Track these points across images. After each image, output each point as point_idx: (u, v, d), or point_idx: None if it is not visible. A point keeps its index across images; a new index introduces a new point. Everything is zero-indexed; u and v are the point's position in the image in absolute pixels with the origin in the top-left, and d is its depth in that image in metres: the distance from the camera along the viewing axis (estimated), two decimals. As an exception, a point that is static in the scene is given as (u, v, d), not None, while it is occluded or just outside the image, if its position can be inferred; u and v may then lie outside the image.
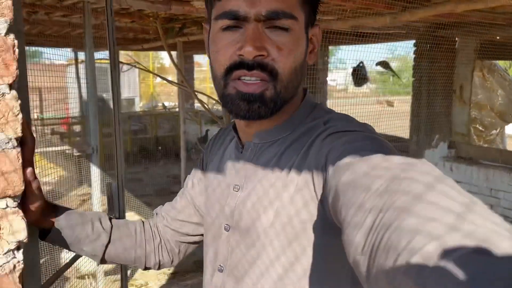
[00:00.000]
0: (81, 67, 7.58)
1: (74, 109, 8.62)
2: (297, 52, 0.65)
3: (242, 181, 0.72)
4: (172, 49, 7.35)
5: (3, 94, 0.70)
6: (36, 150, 0.71)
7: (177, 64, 7.07)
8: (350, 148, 0.54)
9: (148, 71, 6.99)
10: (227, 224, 0.74)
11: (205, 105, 6.01)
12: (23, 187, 0.74)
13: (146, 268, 0.89)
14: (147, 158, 9.28)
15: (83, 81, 6.70)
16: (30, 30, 5.76)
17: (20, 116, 0.72)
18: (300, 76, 0.67)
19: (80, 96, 6.98)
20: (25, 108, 0.95)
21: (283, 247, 0.65)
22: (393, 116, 6.17)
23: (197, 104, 9.74)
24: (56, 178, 6.66)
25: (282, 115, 0.69)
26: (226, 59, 0.65)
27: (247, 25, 0.63)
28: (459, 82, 5.47)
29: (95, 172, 3.35)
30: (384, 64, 5.84)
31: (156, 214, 0.94)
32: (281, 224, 0.65)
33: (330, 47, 7.17)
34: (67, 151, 3.42)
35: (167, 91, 18.74)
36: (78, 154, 3.04)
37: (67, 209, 0.85)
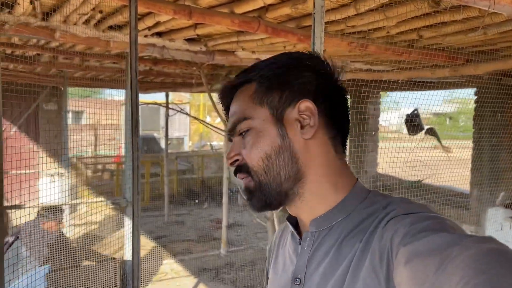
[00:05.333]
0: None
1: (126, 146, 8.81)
2: (261, 143, 0.70)
3: (303, 274, 0.71)
4: (221, 92, 7.36)
5: None
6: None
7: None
8: (413, 230, 0.54)
9: (188, 114, 6.99)
10: None
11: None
12: None
13: None
14: (192, 199, 9.20)
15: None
16: (84, 75, 5.99)
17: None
18: (281, 160, 0.69)
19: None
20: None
21: None
22: (451, 164, 5.66)
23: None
24: (101, 219, 6.71)
25: (327, 201, 0.70)
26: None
27: None
28: (528, 136, 4.94)
29: (128, 225, 3.22)
30: (432, 131, 5.52)
31: None
32: None
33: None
34: (103, 203, 3.33)
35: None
36: (112, 206, 2.93)
37: None
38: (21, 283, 3.56)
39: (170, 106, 7.93)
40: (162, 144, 13.12)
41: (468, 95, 5.22)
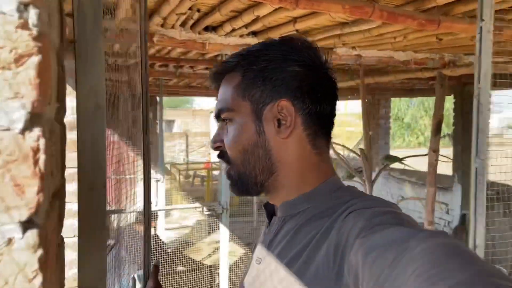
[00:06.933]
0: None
1: (215, 154, 8.96)
2: (241, 136, 0.72)
3: (264, 254, 0.74)
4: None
5: (8, 241, 0.37)
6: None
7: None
8: (371, 224, 0.55)
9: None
10: None
11: (341, 156, 5.54)
12: None
13: None
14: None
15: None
16: (177, 83, 6.15)
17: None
18: (257, 154, 0.72)
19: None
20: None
21: None
22: None
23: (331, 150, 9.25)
24: (194, 222, 6.81)
25: (296, 192, 0.72)
26: None
27: None
28: None
29: (224, 230, 3.13)
30: None
31: None
32: None
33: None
34: (197, 209, 3.27)
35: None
36: (208, 213, 2.85)
37: None
38: None
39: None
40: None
41: None
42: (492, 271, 0.39)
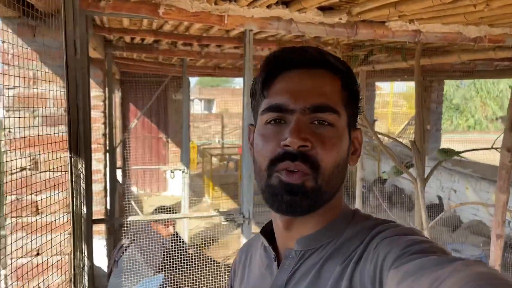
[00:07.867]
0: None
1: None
2: (340, 148, 0.65)
3: None
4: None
5: None
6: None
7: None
8: (406, 253, 0.53)
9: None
10: None
11: (389, 150, 4.87)
12: None
13: None
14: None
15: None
16: (206, 63, 5.63)
17: None
18: (342, 174, 0.67)
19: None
20: None
21: None
22: None
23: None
24: (226, 210, 6.37)
25: (323, 219, 0.67)
26: (270, 151, 0.64)
27: (291, 117, 0.64)
28: None
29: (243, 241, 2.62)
30: None
31: None
32: None
33: None
34: (216, 218, 2.78)
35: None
36: (225, 223, 2.36)
37: None
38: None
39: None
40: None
41: None
42: None
